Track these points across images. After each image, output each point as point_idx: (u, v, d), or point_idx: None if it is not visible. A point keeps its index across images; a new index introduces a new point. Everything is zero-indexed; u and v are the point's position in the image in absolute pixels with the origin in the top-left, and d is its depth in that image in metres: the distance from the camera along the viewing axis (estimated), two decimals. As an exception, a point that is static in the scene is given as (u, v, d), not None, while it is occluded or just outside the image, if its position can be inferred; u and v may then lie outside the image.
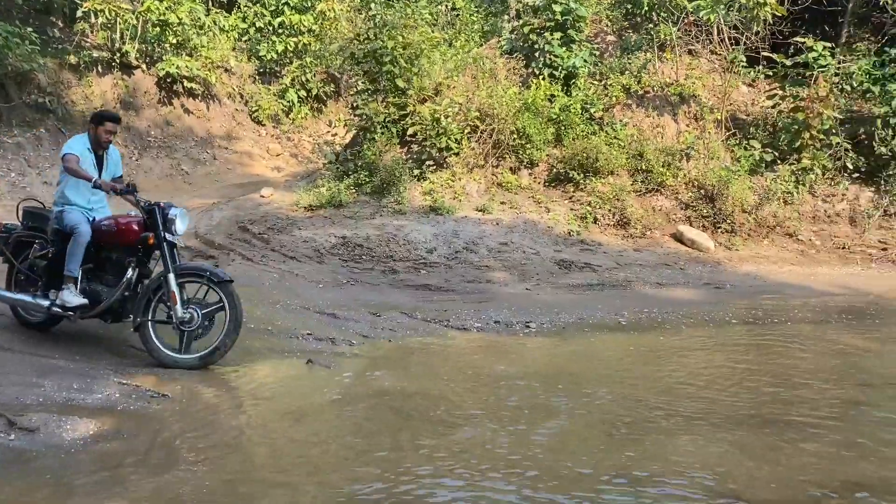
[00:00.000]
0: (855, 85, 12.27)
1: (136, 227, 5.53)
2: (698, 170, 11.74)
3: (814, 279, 9.90)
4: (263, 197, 11.75)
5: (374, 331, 6.82)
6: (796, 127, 11.77)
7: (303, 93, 16.91)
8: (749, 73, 13.18)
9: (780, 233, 11.40)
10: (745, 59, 13.03)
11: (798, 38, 12.48)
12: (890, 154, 11.46)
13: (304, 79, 16.81)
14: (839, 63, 12.44)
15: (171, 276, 5.39)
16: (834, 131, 11.74)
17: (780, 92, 12.29)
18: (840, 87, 12.24)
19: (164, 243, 5.44)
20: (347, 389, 5.17)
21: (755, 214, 11.40)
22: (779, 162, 11.89)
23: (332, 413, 4.78)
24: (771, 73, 12.92)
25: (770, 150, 11.95)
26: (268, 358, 5.78)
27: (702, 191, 11.53)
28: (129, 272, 5.52)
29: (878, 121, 11.61)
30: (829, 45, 12.44)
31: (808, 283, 9.65)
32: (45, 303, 5.53)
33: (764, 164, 11.92)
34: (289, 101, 16.73)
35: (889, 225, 11.46)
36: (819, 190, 11.84)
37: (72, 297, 5.44)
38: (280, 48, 16.68)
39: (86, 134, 5.80)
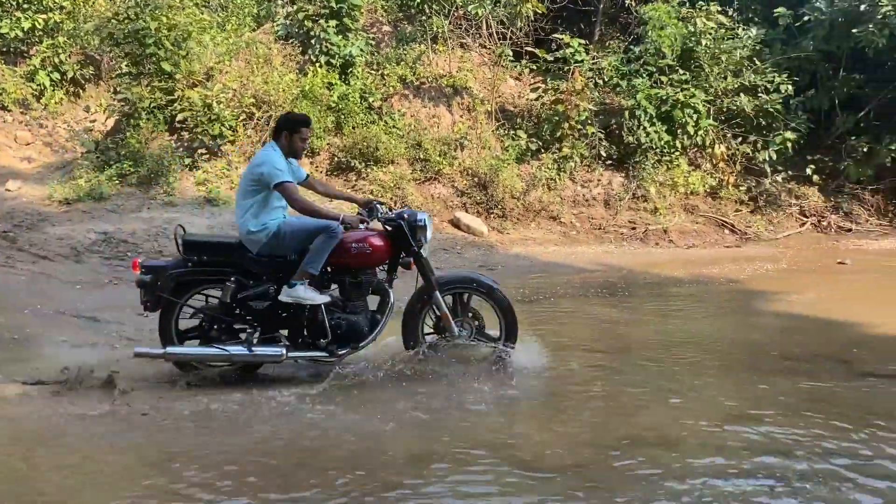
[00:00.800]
0: (606, 79, 13.43)
1: (383, 244, 5.02)
2: (472, 159, 12.29)
3: (575, 258, 10.77)
4: (10, 191, 10.60)
5: (142, 333, 6.34)
6: (557, 118, 12.68)
7: (56, 75, 15.28)
8: (515, 66, 13.95)
9: (545, 216, 12.27)
10: (511, 54, 13.80)
11: (557, 35, 13.44)
12: (636, 143, 12.71)
13: (56, 60, 15.22)
14: (593, 59, 13.55)
15: (438, 295, 4.98)
16: (590, 122, 12.79)
17: (543, 85, 13.16)
18: (594, 81, 13.32)
19: (421, 258, 4.97)
20: (114, 402, 4.76)
21: (523, 200, 12.16)
22: (542, 151, 12.75)
23: (106, 428, 4.40)
24: (535, 68, 13.77)
25: (535, 140, 12.77)
26: (18, 370, 5.16)
27: (475, 178, 12.10)
28: (391, 295, 5.12)
29: (626, 112, 12.80)
30: (584, 42, 13.52)
31: (570, 262, 10.48)
32: (281, 351, 4.79)
33: (530, 153, 12.72)
34: (39, 85, 15.04)
35: (637, 207, 12.74)
36: (578, 176, 12.87)
37: (311, 292, 4.74)
38: (26, 25, 14.93)
39: (273, 143, 4.94)
